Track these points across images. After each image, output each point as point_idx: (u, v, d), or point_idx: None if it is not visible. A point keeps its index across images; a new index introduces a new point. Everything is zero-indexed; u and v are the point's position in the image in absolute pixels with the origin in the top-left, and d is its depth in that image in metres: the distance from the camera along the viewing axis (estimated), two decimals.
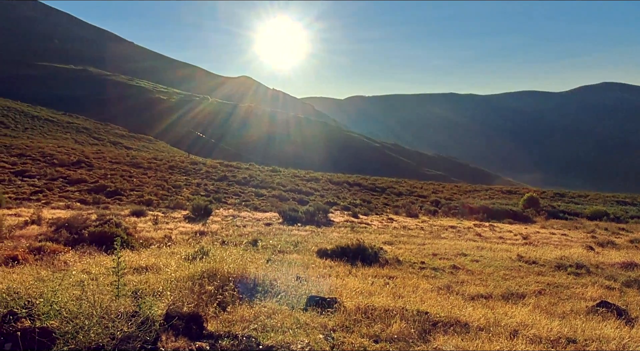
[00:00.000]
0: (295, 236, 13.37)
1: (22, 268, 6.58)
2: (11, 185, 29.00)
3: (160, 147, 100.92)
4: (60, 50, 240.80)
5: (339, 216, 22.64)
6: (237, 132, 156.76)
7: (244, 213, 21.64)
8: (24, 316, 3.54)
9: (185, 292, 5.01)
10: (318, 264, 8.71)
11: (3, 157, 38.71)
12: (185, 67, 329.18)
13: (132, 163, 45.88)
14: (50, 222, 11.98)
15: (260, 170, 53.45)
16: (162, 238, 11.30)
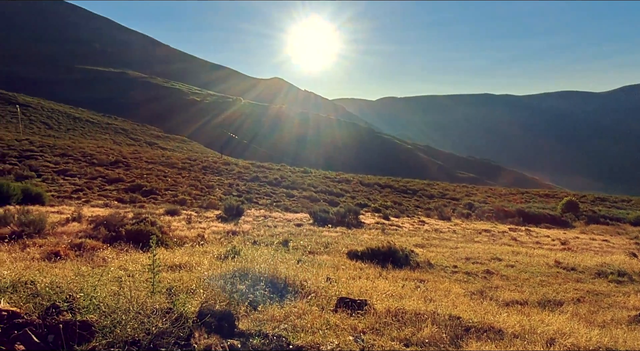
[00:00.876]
0: (326, 238, 13.38)
1: (63, 263, 6.83)
2: (54, 184, 30.24)
3: (194, 147, 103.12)
4: (100, 54, 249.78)
5: (369, 218, 22.52)
6: (268, 133, 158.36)
7: (275, 214, 21.82)
8: (65, 310, 3.68)
9: (218, 290, 5.09)
10: (348, 265, 8.69)
11: (47, 157, 40.43)
12: (219, 69, 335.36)
13: (167, 163, 47.05)
14: (89, 220, 12.41)
15: (292, 171, 53.79)
16: (195, 237, 11.52)
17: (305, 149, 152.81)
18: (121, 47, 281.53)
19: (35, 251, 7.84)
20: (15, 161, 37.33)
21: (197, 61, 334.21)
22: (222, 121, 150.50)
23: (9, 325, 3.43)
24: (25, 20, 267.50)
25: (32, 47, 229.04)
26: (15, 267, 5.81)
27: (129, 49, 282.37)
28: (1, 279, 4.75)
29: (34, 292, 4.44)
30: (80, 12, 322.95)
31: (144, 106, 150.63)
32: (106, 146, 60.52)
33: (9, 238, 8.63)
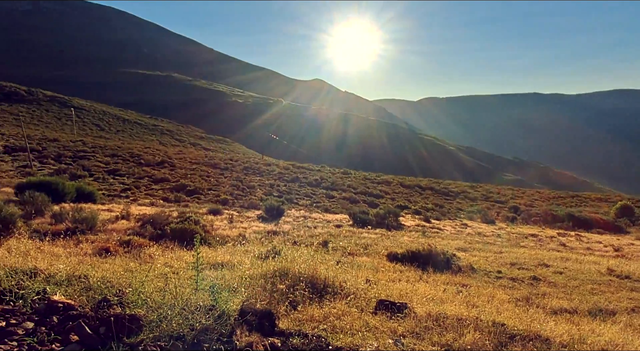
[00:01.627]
0: (365, 239, 13.32)
1: (113, 259, 7.13)
2: (105, 183, 31.67)
3: (235, 148, 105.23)
4: (148, 58, 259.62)
5: (410, 220, 22.23)
6: (309, 134, 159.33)
7: (314, 214, 21.92)
8: (115, 304, 3.86)
9: (258, 290, 5.17)
10: (388, 268, 8.62)
11: (98, 157, 42.40)
12: (260, 71, 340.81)
13: (210, 164, 48.24)
14: (137, 218, 12.92)
15: (332, 172, 53.88)
16: (237, 236, 11.75)
17: (345, 150, 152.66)
18: (168, 51, 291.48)
19: (88, 247, 8.23)
20: (70, 161, 39.38)
21: (240, 63, 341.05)
22: (263, 122, 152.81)
23: (64, 316, 3.63)
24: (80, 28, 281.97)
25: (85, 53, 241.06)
26: (69, 262, 6.12)
27: (175, 53, 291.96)
28: (57, 273, 5.03)
29: (86, 286, 4.67)
30: (130, 19, 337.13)
31: (188, 108, 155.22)
32: (153, 147, 62.78)
33: (64, 234, 9.09)
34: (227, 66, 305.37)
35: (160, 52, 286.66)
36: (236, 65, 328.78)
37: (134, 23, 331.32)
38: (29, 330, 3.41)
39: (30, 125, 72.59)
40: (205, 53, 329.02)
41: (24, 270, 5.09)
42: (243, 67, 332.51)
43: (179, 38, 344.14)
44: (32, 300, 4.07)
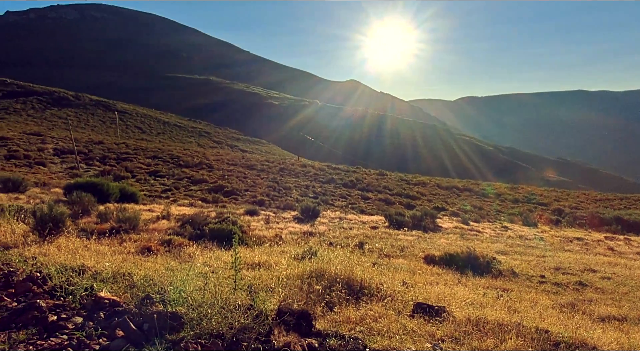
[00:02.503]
0: (402, 241, 13.17)
1: (155, 258, 7.36)
2: (146, 184, 32.74)
3: (272, 149, 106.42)
4: (187, 62, 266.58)
5: (447, 222, 21.82)
6: (344, 135, 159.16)
7: (350, 216, 21.88)
8: (158, 301, 3.98)
9: (295, 290, 5.21)
10: (425, 270, 8.49)
11: (140, 159, 43.87)
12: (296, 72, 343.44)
13: (247, 165, 49.00)
14: (177, 218, 13.27)
15: (367, 173, 53.63)
16: (273, 237, 11.87)
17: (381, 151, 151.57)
18: (206, 55, 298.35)
19: (131, 245, 8.52)
20: (114, 162, 40.94)
21: (275, 65, 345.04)
22: (299, 123, 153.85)
23: (110, 312, 3.78)
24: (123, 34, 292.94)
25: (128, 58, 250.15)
26: (114, 260, 6.36)
27: (212, 56, 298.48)
28: (103, 270, 5.23)
29: (130, 283, 4.84)
30: (170, 24, 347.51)
31: (226, 110, 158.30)
32: (191, 149, 64.37)
33: (109, 233, 9.45)
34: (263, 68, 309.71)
35: (199, 55, 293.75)
36: (272, 67, 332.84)
37: (173, 28, 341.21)
38: (78, 324, 3.56)
39: (78, 128, 75.92)
40: (242, 56, 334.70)
41: (73, 267, 5.33)
42: (279, 69, 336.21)
43: (216, 42, 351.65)
44: (81, 295, 4.25)
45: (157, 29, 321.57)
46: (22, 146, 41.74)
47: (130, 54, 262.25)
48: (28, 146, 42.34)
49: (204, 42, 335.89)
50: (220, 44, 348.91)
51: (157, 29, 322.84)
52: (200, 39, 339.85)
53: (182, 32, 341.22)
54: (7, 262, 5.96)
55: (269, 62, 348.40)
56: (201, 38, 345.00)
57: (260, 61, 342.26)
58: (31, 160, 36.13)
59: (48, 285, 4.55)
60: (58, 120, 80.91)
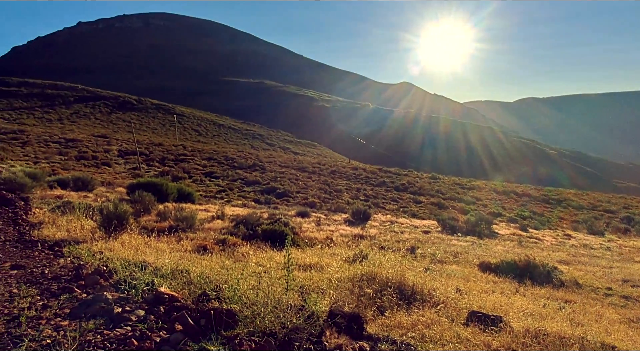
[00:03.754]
0: (455, 247, 12.83)
1: (210, 257, 7.60)
2: (202, 184, 33.91)
3: (323, 152, 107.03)
4: (242, 66, 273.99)
5: (504, 228, 21.01)
6: (396, 138, 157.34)
7: (401, 219, 21.59)
8: (213, 298, 4.13)
9: (346, 292, 5.21)
10: (480, 278, 8.22)
11: (197, 161, 45.53)
12: (348, 75, 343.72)
13: (299, 167, 49.57)
14: (231, 218, 13.66)
15: (419, 177, 52.70)
16: (324, 239, 11.92)
17: (433, 154, 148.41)
18: (259, 59, 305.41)
19: (188, 244, 8.85)
20: (172, 163, 42.75)
21: (328, 69, 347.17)
22: (350, 126, 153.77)
23: (170, 307, 3.95)
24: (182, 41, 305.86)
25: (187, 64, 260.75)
26: (173, 257, 6.64)
27: (266, 61, 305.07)
28: (163, 266, 5.48)
29: (188, 280, 5.03)
30: (227, 30, 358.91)
31: (278, 113, 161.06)
32: (245, 151, 66.00)
33: (168, 231, 9.88)
34: (315, 72, 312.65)
35: (253, 60, 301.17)
36: (324, 70, 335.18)
37: (230, 34, 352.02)
38: (140, 317, 3.76)
39: (140, 131, 80.00)
40: (295, 60, 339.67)
41: (136, 262, 5.63)
42: (331, 72, 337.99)
43: (269, 46, 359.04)
44: (143, 290, 4.48)
45: (215, 36, 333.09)
46: (91, 147, 44.54)
47: (189, 59, 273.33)
48: (96, 147, 45.12)
49: (259, 47, 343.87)
50: (275, 49, 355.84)
51: (215, 35, 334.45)
52: (256, 44, 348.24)
53: (239, 38, 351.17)
54: (77, 255, 6.39)
55: (321, 66, 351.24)
56: (256, 43, 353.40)
57: (313, 65, 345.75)
58: (98, 161, 38.47)
59: (113, 279, 4.83)
60: (122, 123, 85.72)
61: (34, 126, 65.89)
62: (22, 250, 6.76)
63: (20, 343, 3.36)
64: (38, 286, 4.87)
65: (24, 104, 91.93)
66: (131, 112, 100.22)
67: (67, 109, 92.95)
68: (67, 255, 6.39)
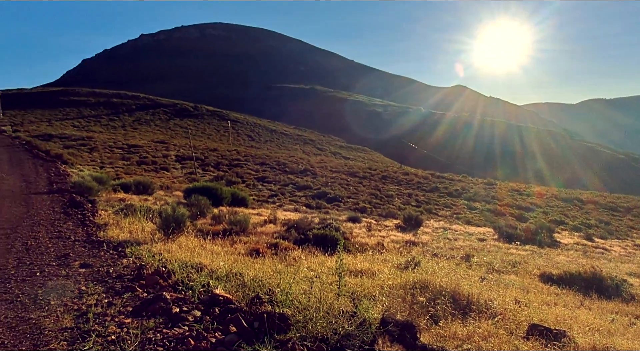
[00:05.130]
0: (513, 256, 12.29)
1: (262, 260, 7.72)
2: (254, 189, 34.62)
3: (374, 157, 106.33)
4: (293, 72, 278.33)
5: (567, 237, 19.92)
6: (450, 143, 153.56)
7: (455, 226, 21.01)
8: (266, 302, 4.19)
9: (398, 300, 5.12)
10: (541, 289, 7.83)
11: (250, 166, 46.60)
12: (400, 79, 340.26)
13: (349, 172, 49.51)
14: (282, 222, 13.83)
15: (474, 182, 51.09)
16: (375, 245, 11.80)
17: (488, 159, 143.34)
18: (311, 65, 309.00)
19: (241, 247, 9.04)
20: (226, 168, 44.00)
21: (379, 73, 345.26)
22: (402, 131, 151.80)
23: (224, 309, 4.05)
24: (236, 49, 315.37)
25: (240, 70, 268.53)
26: (227, 260, 6.81)
27: (317, 66, 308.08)
28: (218, 269, 5.64)
29: (241, 283, 5.15)
30: (278, 37, 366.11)
31: (330, 118, 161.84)
32: (297, 156, 66.79)
33: (222, 234, 10.15)
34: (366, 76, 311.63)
35: (304, 66, 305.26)
36: (375, 74, 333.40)
37: (281, 41, 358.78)
38: (197, 317, 3.88)
39: (196, 136, 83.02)
40: (346, 64, 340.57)
41: (192, 264, 5.82)
42: (382, 76, 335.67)
43: (320, 52, 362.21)
44: (199, 291, 4.63)
45: (267, 43, 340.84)
46: (151, 152, 46.74)
47: (242, 66, 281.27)
48: (155, 152, 47.31)
49: (310, 53, 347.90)
50: (325, 54, 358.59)
51: (267, 42, 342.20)
52: (306, 50, 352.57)
53: (289, 44, 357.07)
54: (138, 256, 6.71)
55: (372, 70, 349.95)
56: (307, 49, 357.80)
57: (364, 69, 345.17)
58: (157, 165, 40.29)
59: (172, 279, 5.02)
60: (180, 129, 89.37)
61: (100, 132, 70.13)
62: (90, 250, 7.19)
63: (87, 338, 3.57)
64: (104, 284, 5.16)
65: (92, 113, 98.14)
66: (188, 119, 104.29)
67: (130, 117, 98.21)
68: (129, 256, 6.73)
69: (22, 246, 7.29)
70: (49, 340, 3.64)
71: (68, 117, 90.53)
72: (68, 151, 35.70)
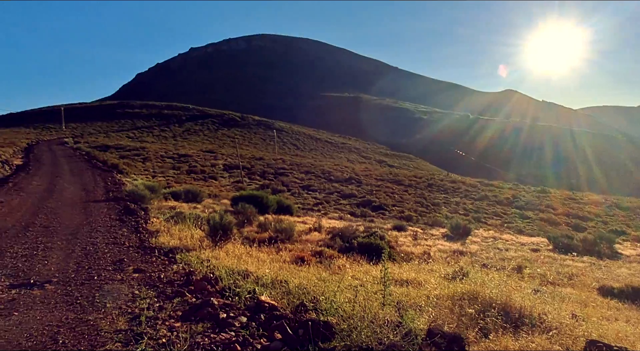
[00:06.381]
0: (569, 267, 11.69)
1: (307, 268, 7.75)
2: (300, 197, 34.91)
3: (420, 165, 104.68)
4: (338, 81, 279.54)
5: (629, 248, 18.71)
6: (499, 149, 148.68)
7: (506, 236, 20.25)
8: (311, 309, 4.20)
9: (445, 311, 4.99)
10: (600, 303, 7.39)
11: (295, 174, 47.08)
12: (446, 86, 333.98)
13: (394, 180, 48.95)
14: (327, 230, 13.85)
15: (526, 190, 49.13)
16: (421, 254, 11.57)
17: (539, 166, 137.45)
18: (356, 74, 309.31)
19: (286, 254, 9.12)
20: (272, 177, 44.67)
21: (424, 79, 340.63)
22: (448, 137, 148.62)
23: (270, 316, 4.10)
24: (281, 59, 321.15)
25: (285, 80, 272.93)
26: (272, 267, 6.90)
27: (362, 74, 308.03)
28: (263, 276, 5.71)
29: (286, 290, 5.19)
30: (322, 46, 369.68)
31: (374, 126, 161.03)
32: (341, 164, 66.84)
33: (268, 242, 10.29)
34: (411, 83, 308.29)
35: (349, 74, 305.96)
36: (420, 81, 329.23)
37: (325, 50, 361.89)
38: (242, 323, 3.95)
39: (243, 146, 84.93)
40: (390, 71, 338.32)
41: (239, 271, 5.94)
42: (427, 82, 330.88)
43: (364, 59, 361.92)
44: (245, 297, 4.71)
45: (310, 52, 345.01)
46: (200, 162, 48.23)
47: (287, 76, 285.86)
48: (204, 162, 48.77)
49: (355, 61, 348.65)
50: (370, 62, 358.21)
51: (310, 51, 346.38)
52: (351, 59, 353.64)
53: (333, 52, 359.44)
54: (187, 262, 6.92)
55: (417, 77, 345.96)
56: (352, 58, 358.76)
57: (409, 76, 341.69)
58: (206, 174, 41.50)
59: (219, 286, 5.14)
60: (227, 139, 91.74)
61: (153, 143, 73.24)
62: (143, 256, 7.50)
63: (140, 340, 3.71)
64: (155, 289, 5.36)
65: (145, 124, 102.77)
66: (235, 129, 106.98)
67: (180, 127, 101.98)
68: (179, 262, 6.96)
69: (82, 251, 7.71)
70: (105, 341, 3.82)
71: (123, 128, 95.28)
72: (123, 161, 37.52)
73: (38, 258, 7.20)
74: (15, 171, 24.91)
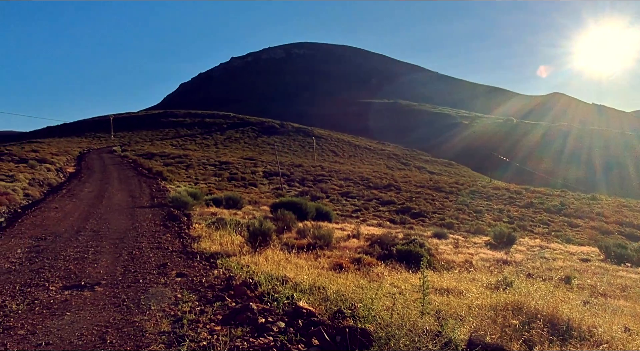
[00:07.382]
0: (623, 279, 11.08)
1: (345, 275, 7.73)
2: (338, 204, 34.91)
3: (461, 171, 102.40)
4: (376, 87, 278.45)
5: None
6: (545, 155, 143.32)
7: (553, 245, 19.47)
8: (348, 316, 4.19)
9: (487, 321, 4.84)
10: None
11: (334, 181, 47.16)
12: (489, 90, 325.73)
13: (435, 187, 48.09)
14: (366, 237, 13.76)
15: (575, 197, 47.05)
16: (463, 262, 11.30)
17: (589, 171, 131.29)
18: (393, 79, 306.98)
19: (324, 261, 9.12)
20: (311, 183, 44.92)
21: (465, 84, 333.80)
22: (491, 143, 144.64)
23: (307, 322, 4.12)
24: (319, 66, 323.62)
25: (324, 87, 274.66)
26: (311, 273, 6.92)
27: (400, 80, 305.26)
28: (302, 282, 5.74)
29: (324, 296, 5.19)
30: (360, 53, 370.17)
31: (414, 132, 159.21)
32: (380, 171, 66.35)
33: (306, 248, 10.34)
34: (451, 87, 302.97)
35: (387, 80, 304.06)
36: (461, 86, 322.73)
37: (363, 57, 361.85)
38: (281, 328, 3.98)
39: (282, 153, 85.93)
40: (428, 77, 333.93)
41: (277, 277, 6.00)
42: (468, 87, 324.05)
43: (402, 65, 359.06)
44: (283, 303, 4.75)
45: (348, 59, 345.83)
46: (240, 169, 49.18)
47: (325, 83, 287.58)
48: (244, 169, 49.70)
49: (392, 66, 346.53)
50: (407, 67, 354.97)
51: (348, 59, 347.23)
52: (389, 64, 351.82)
53: (371, 59, 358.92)
54: (228, 267, 7.06)
55: (458, 81, 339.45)
56: (390, 63, 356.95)
57: (450, 81, 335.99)
58: (246, 181, 42.25)
59: (258, 291, 5.21)
60: (267, 146, 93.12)
61: (195, 150, 75.36)
62: (185, 260, 7.72)
63: (182, 342, 3.82)
64: (197, 292, 5.50)
65: (188, 132, 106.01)
66: (274, 136, 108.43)
67: (221, 135, 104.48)
68: (220, 267, 7.11)
69: (128, 255, 8.02)
70: (149, 342, 3.96)
71: (167, 136, 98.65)
72: (167, 169, 38.81)
73: (88, 261, 7.56)
74: (68, 178, 26.32)
